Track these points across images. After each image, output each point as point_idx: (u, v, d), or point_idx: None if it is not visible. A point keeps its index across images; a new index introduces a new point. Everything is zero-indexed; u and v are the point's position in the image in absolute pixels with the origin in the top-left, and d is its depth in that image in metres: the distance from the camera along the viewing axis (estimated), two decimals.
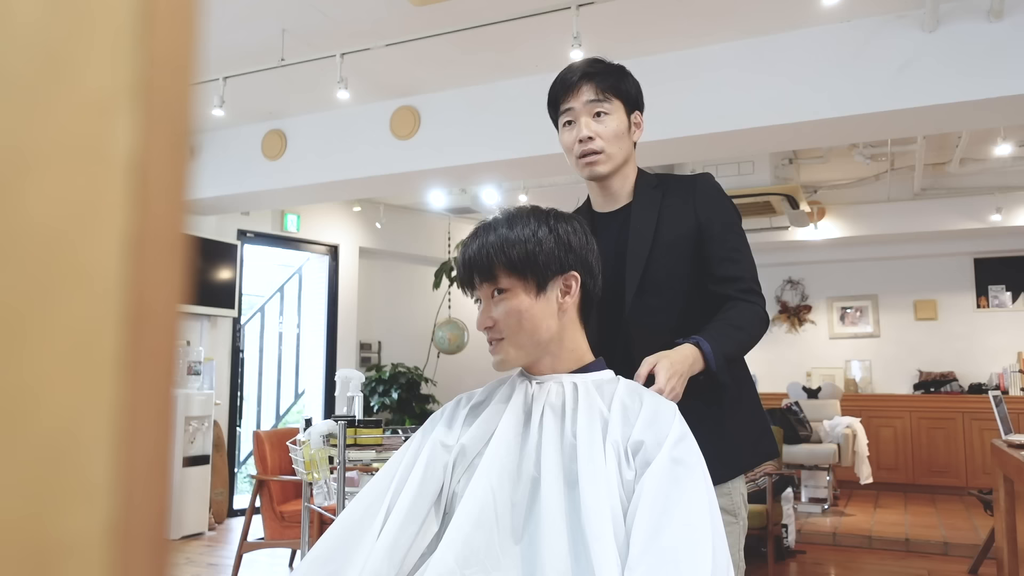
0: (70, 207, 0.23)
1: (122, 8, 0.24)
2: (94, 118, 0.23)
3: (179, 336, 0.26)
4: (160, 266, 0.24)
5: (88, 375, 0.23)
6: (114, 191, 0.23)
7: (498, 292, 1.15)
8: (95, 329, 0.23)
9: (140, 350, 0.23)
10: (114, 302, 0.23)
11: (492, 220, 1.20)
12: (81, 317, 0.23)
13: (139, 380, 0.23)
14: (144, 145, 0.24)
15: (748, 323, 1.38)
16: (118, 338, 0.23)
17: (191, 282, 0.26)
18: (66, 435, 0.23)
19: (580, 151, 1.45)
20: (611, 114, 1.44)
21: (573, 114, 1.46)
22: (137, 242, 0.23)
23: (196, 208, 5.30)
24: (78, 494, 0.22)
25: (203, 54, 0.26)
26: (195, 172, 0.29)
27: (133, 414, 0.23)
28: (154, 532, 0.24)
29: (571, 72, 1.47)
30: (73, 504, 0.22)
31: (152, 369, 0.24)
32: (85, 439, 0.23)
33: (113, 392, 0.23)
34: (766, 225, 6.63)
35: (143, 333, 0.23)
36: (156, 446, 0.24)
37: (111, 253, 0.23)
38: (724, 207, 1.47)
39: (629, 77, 1.50)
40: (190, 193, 0.26)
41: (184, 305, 0.26)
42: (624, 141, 1.46)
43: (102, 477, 0.22)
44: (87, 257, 0.23)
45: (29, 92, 0.24)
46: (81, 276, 0.23)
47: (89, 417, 0.23)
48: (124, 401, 0.23)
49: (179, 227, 0.25)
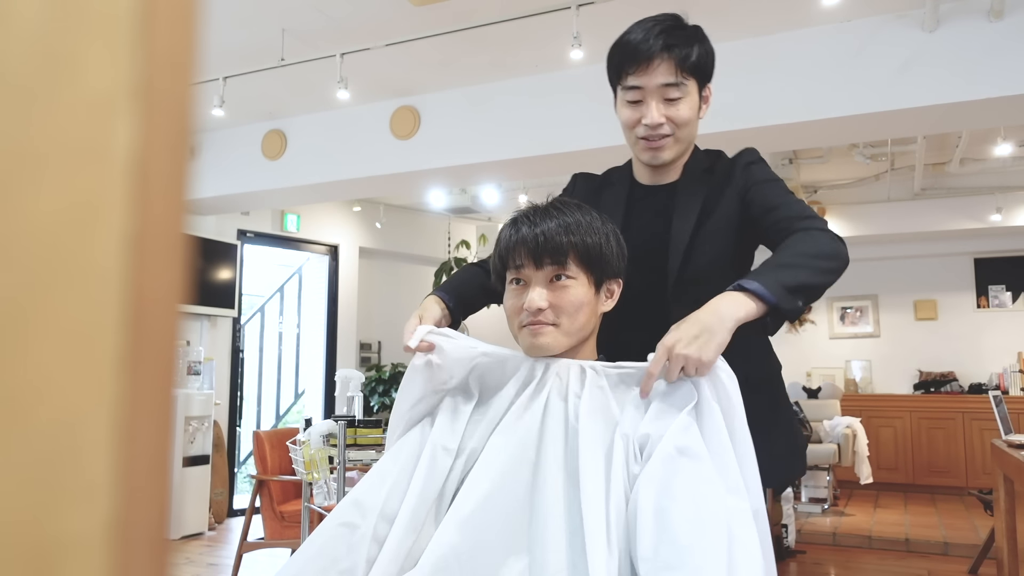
0: (70, 207, 0.23)
1: (122, 8, 0.24)
2: (94, 118, 0.23)
3: (179, 336, 0.26)
4: (160, 266, 0.24)
5: (88, 375, 0.23)
6: (114, 191, 0.23)
7: (562, 277, 1.12)
8: (95, 329, 0.23)
9: (140, 350, 0.23)
10: (114, 302, 0.23)
11: (556, 203, 1.15)
12: (81, 317, 0.23)
13: (139, 380, 0.23)
14: (144, 145, 0.24)
15: (807, 246, 1.16)
16: (118, 338, 0.23)
17: (191, 282, 0.26)
18: (66, 435, 0.23)
19: (645, 134, 1.29)
20: (685, 97, 1.28)
21: (641, 94, 1.28)
22: (137, 242, 0.23)
23: (196, 208, 5.31)
24: (78, 494, 0.22)
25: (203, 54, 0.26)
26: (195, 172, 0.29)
27: (133, 414, 0.23)
28: (154, 532, 0.24)
29: (647, 40, 1.26)
30: (73, 504, 0.22)
31: (152, 369, 0.24)
32: (85, 439, 0.23)
33: (113, 392, 0.23)
34: None
35: (143, 333, 0.23)
36: (156, 446, 0.24)
37: (111, 253, 0.23)
38: (762, 172, 1.33)
39: (706, 42, 1.31)
40: (190, 193, 0.26)
41: (184, 305, 0.26)
42: (694, 125, 1.32)
43: (102, 477, 0.22)
44: (87, 257, 0.23)
45: (29, 92, 0.24)
46: (81, 276, 0.23)
47: (89, 417, 0.23)
48: (124, 401, 0.23)
49: (179, 227, 0.25)
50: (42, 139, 0.23)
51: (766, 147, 4.52)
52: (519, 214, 1.17)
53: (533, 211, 1.15)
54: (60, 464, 0.22)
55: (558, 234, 1.10)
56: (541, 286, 1.12)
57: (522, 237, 1.12)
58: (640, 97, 1.28)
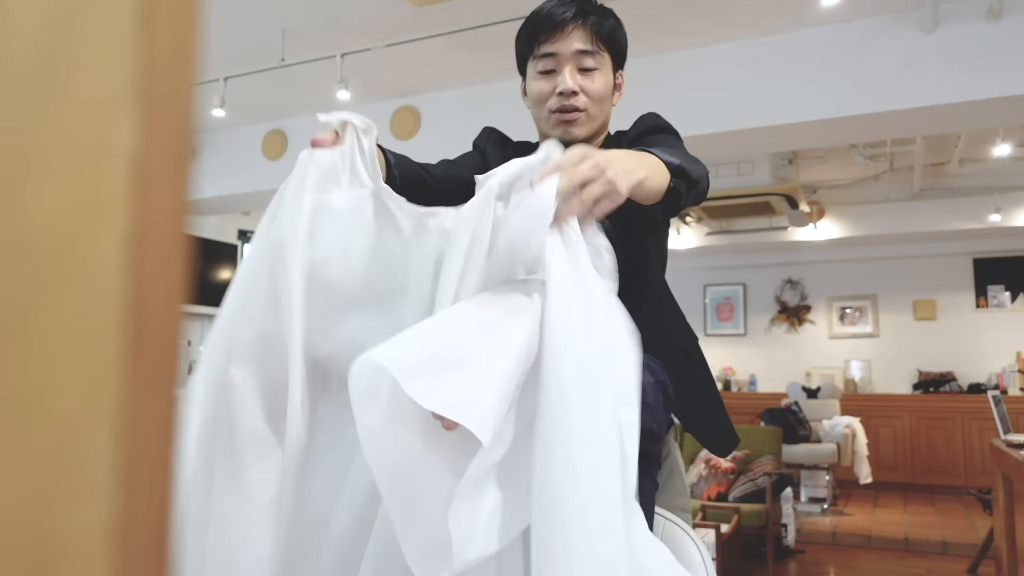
0: (71, 207, 0.23)
1: (122, 8, 0.24)
2: (94, 118, 0.24)
3: (181, 336, 0.26)
4: (161, 266, 0.24)
5: (90, 375, 0.23)
6: (115, 191, 0.23)
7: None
8: (97, 329, 0.23)
9: (142, 350, 0.23)
10: (115, 302, 0.23)
11: None
12: (83, 317, 0.23)
13: (141, 380, 0.23)
14: (144, 145, 0.24)
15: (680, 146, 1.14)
16: (120, 338, 0.23)
17: (191, 282, 0.26)
18: (69, 434, 0.23)
19: (558, 105, 1.23)
20: (600, 69, 1.24)
21: (555, 61, 1.23)
22: (138, 242, 0.23)
23: (196, 208, 5.30)
24: (80, 493, 0.22)
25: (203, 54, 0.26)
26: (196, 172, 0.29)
27: (135, 414, 0.23)
28: (156, 531, 0.24)
29: (560, 10, 1.23)
30: (75, 503, 0.22)
31: (154, 369, 0.24)
32: (87, 438, 0.23)
33: (115, 392, 0.23)
34: (765, 225, 6.64)
35: (145, 333, 0.23)
36: (158, 445, 0.24)
37: (112, 253, 0.23)
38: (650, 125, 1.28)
39: (620, 26, 1.30)
40: (191, 193, 0.26)
41: (185, 305, 0.26)
42: (607, 104, 1.28)
43: (104, 476, 0.22)
44: (88, 257, 0.23)
45: (29, 92, 0.24)
46: (82, 276, 0.23)
47: (91, 416, 0.23)
48: (126, 401, 0.23)
49: (180, 227, 0.25)
50: (42, 139, 0.23)
51: (766, 147, 4.52)
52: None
53: None
54: (61, 464, 0.23)
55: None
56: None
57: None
58: (553, 66, 1.23)
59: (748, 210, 5.57)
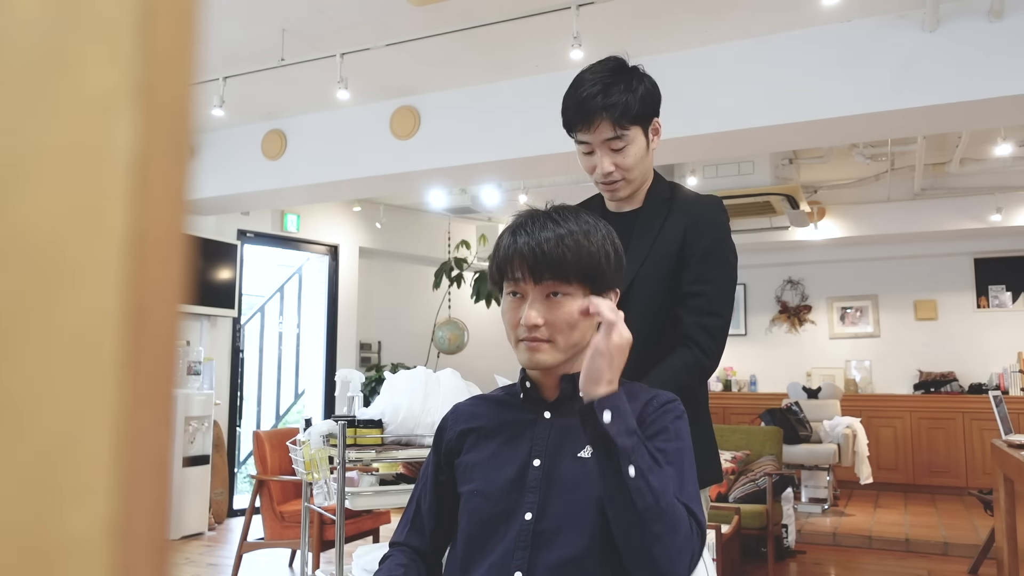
0: (70, 207, 0.23)
1: (122, 8, 0.24)
2: (94, 118, 0.23)
3: (179, 336, 0.26)
4: (160, 266, 0.24)
5: (88, 375, 0.23)
6: (114, 191, 0.23)
7: (559, 294, 1.09)
8: (95, 329, 0.23)
9: (140, 350, 0.23)
10: (114, 302, 0.23)
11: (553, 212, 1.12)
12: (81, 317, 0.23)
13: (139, 380, 0.23)
14: (144, 145, 0.24)
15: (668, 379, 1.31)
16: (118, 338, 0.23)
17: (191, 282, 0.26)
18: (67, 435, 0.23)
19: (601, 180, 1.45)
20: (629, 144, 1.42)
21: (590, 147, 1.44)
22: (137, 242, 0.23)
23: (196, 208, 5.30)
24: (79, 494, 0.22)
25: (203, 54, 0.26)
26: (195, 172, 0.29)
27: (133, 414, 0.23)
28: (154, 532, 0.24)
29: (587, 105, 1.40)
30: (74, 504, 0.22)
31: (152, 369, 0.24)
32: (86, 439, 0.23)
33: (113, 392, 0.23)
34: (766, 225, 6.63)
35: (143, 333, 0.23)
36: (156, 446, 0.24)
37: (111, 253, 0.23)
38: (715, 235, 1.45)
39: (643, 87, 1.43)
40: (190, 193, 0.26)
41: (184, 305, 0.26)
42: (645, 160, 1.45)
43: (103, 477, 0.22)
44: (87, 257, 0.23)
45: (29, 92, 0.24)
46: (81, 276, 0.23)
47: (90, 417, 0.23)
48: (124, 401, 0.23)
49: (179, 227, 0.25)
50: (42, 139, 0.23)
51: (766, 147, 4.52)
52: (518, 222, 1.13)
53: (532, 219, 1.12)
54: (61, 464, 0.22)
55: (556, 247, 1.07)
56: (538, 301, 1.09)
57: (519, 249, 1.09)
58: (590, 150, 1.44)
59: (748, 210, 5.57)
